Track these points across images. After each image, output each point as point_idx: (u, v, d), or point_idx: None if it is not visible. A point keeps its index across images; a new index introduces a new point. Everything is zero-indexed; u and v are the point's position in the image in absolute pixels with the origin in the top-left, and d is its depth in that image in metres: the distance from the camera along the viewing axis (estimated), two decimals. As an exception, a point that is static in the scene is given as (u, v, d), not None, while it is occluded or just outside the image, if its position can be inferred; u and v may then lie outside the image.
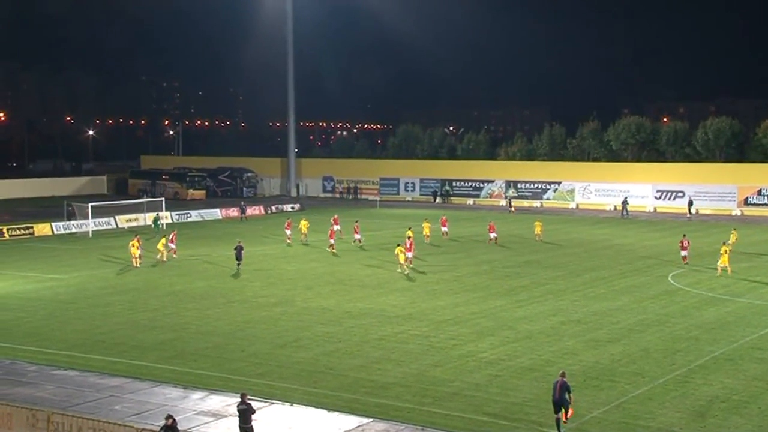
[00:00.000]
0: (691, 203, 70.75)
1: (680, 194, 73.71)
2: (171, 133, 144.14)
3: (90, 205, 58.81)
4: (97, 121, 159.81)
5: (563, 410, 19.57)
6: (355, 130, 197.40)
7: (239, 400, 19.22)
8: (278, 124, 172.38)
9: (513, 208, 75.25)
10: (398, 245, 42.07)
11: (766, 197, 70.84)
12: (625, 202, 71.18)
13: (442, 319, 30.96)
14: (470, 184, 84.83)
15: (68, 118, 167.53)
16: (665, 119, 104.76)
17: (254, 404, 19.51)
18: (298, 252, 48.75)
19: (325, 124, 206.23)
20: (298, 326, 29.87)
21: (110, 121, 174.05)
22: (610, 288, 37.05)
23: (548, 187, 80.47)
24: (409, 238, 43.55)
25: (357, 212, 74.36)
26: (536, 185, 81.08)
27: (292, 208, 76.19)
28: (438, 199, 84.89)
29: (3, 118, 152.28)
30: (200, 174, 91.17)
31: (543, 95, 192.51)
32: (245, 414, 18.86)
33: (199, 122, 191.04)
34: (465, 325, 29.99)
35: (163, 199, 65.64)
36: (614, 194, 76.11)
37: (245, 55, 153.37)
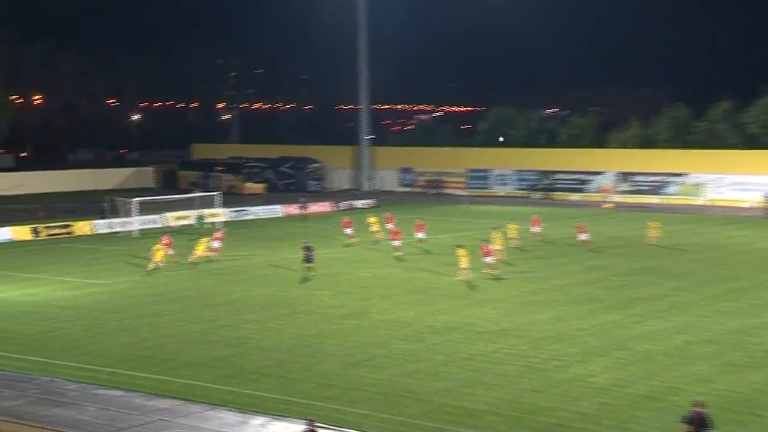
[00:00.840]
0: None
1: (840, 188, 71.09)
2: (226, 117, 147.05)
3: (134, 200, 60.36)
4: (143, 105, 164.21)
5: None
6: (438, 113, 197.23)
7: (305, 427, 19.35)
8: (349, 107, 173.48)
9: (608, 204, 74.15)
10: (459, 246, 41.86)
11: None
12: None
13: (542, 335, 30.65)
14: (575, 176, 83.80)
15: (110, 101, 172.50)
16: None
17: (323, 432, 19.63)
18: (371, 256, 48.99)
19: (403, 107, 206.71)
20: (373, 342, 30.01)
21: (157, 105, 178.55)
22: (751, 301, 35.99)
23: (670, 179, 78.70)
24: (486, 242, 43.27)
25: (440, 210, 74.24)
26: (655, 178, 79.43)
27: (365, 204, 76.54)
28: (536, 195, 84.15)
29: (39, 101, 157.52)
30: (259, 165, 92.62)
31: (664, 70, 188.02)
32: (312, 443, 18.98)
33: (258, 105, 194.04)
34: (570, 343, 29.62)
35: (218, 193, 66.83)
36: (754, 188, 73.85)
37: (311, 28, 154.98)
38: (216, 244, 47.22)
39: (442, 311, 34.58)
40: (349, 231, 52.93)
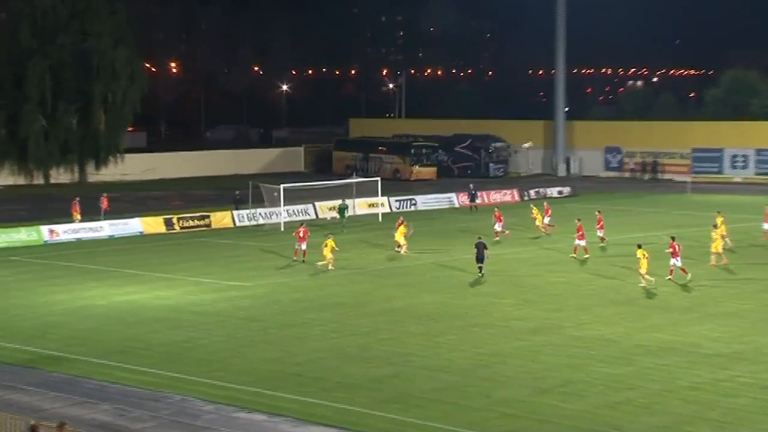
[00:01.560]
0: None
1: None
2: (391, 87, 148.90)
3: (281, 187, 61.95)
4: (293, 73, 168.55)
5: None
6: (654, 79, 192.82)
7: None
8: (541, 73, 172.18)
9: None
10: (639, 247, 41.03)
11: None
12: None
13: (789, 362, 29.66)
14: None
15: (256, 69, 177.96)
16: None
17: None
18: (557, 257, 48.59)
19: (609, 71, 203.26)
20: (567, 364, 29.81)
21: (310, 73, 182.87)
22: None
23: None
24: (672, 240, 42.51)
25: (655, 200, 72.81)
26: None
27: (560, 192, 75.85)
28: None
29: (176, 70, 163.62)
30: (430, 144, 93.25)
31: None
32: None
33: (429, 71, 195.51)
34: (827, 373, 28.52)
35: (379, 179, 67.68)
36: None
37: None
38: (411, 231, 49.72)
39: (656, 327, 33.99)
40: (498, 227, 53.22)
